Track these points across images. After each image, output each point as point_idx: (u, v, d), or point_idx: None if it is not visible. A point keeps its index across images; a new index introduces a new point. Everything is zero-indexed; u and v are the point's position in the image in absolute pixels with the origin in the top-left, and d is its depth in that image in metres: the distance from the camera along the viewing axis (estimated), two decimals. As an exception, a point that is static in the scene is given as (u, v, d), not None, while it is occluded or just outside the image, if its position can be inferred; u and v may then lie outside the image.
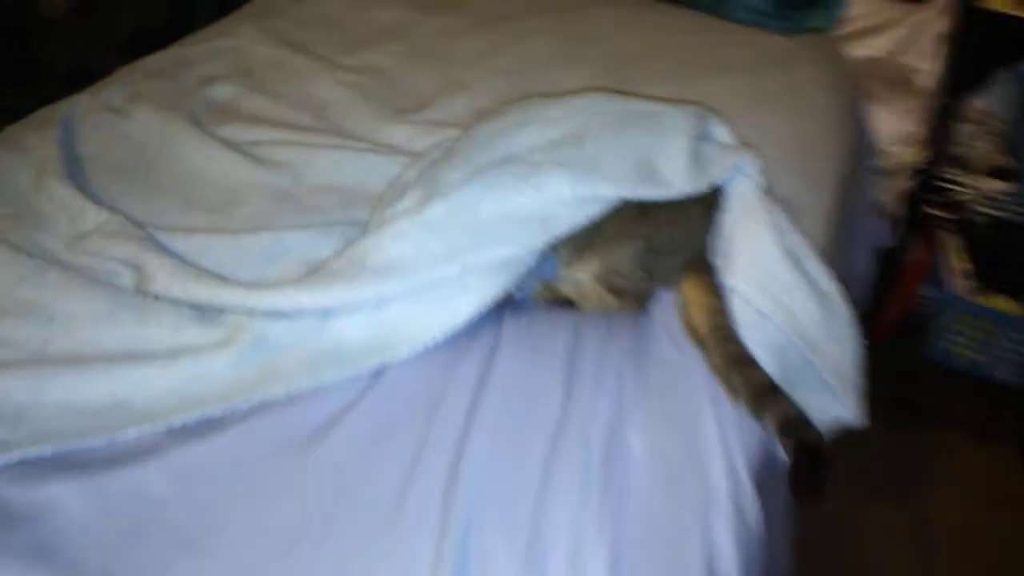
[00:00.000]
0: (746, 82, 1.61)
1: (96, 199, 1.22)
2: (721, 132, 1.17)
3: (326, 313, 0.98)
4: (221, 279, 1.02)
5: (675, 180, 1.04)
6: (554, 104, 1.13)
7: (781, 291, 1.02)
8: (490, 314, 1.03)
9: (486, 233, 0.98)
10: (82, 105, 1.46)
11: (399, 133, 1.42)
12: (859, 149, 1.68)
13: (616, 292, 1.10)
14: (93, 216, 1.15)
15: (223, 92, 1.53)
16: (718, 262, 1.08)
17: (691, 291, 1.06)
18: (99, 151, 1.35)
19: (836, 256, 1.48)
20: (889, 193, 1.98)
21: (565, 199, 0.98)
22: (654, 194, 1.02)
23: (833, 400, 1.05)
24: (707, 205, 1.10)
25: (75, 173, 1.29)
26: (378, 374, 0.97)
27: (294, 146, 1.34)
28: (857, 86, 1.81)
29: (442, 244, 0.97)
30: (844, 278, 1.62)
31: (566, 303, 1.12)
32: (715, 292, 1.05)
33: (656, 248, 1.08)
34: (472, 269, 0.97)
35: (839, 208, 1.48)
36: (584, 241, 1.09)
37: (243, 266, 1.09)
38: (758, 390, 0.93)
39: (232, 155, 1.30)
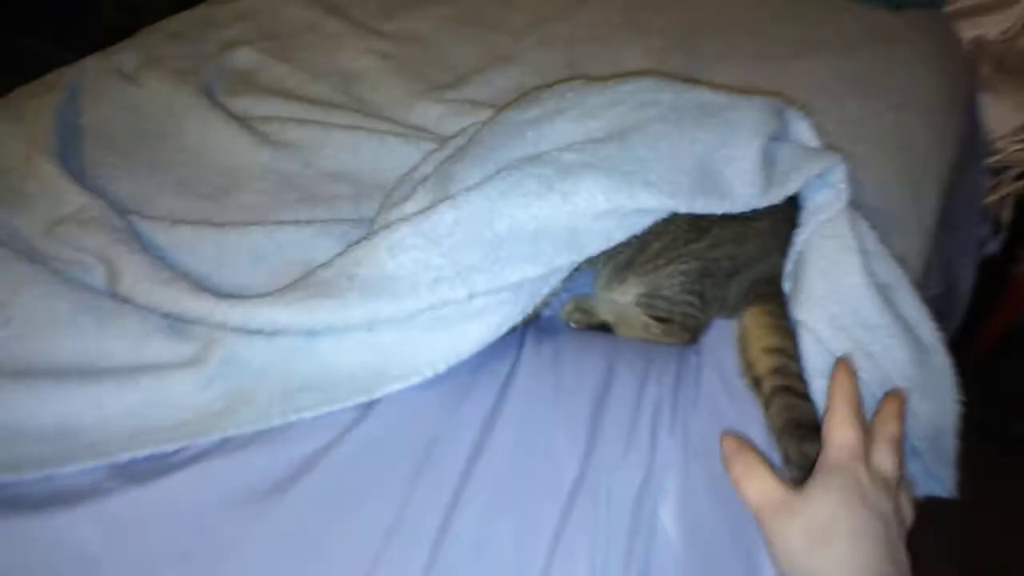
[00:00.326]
0: (837, 63, 1.38)
1: (84, 178, 1.10)
2: (803, 129, 0.96)
3: (311, 332, 0.83)
4: (192, 285, 0.87)
5: (741, 190, 0.85)
6: (599, 90, 0.94)
7: (866, 334, 0.82)
8: (507, 336, 0.86)
9: (501, 249, 0.80)
10: (92, 69, 1.34)
11: (430, 112, 1.25)
12: (969, 146, 1.44)
13: (660, 320, 0.92)
14: (72, 199, 1.02)
15: (244, 59, 1.39)
16: (789, 291, 0.89)
17: (754, 325, 0.88)
18: (100, 122, 1.23)
19: (935, 273, 1.28)
20: (996, 195, 1.73)
21: (599, 211, 0.80)
22: (714, 207, 0.83)
23: (922, 471, 0.86)
24: (778, 219, 0.91)
25: (69, 147, 1.16)
26: (365, 410, 0.81)
27: (308, 125, 1.18)
28: (970, 71, 1.56)
29: (448, 260, 0.80)
30: (942, 297, 1.41)
31: (601, 327, 0.94)
32: (784, 329, 0.87)
33: (713, 271, 0.90)
34: (483, 292, 0.80)
35: (941, 215, 1.26)
36: (626, 259, 0.91)
37: (227, 266, 0.95)
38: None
39: (238, 133, 1.16)
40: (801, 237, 0.88)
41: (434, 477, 0.76)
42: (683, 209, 0.82)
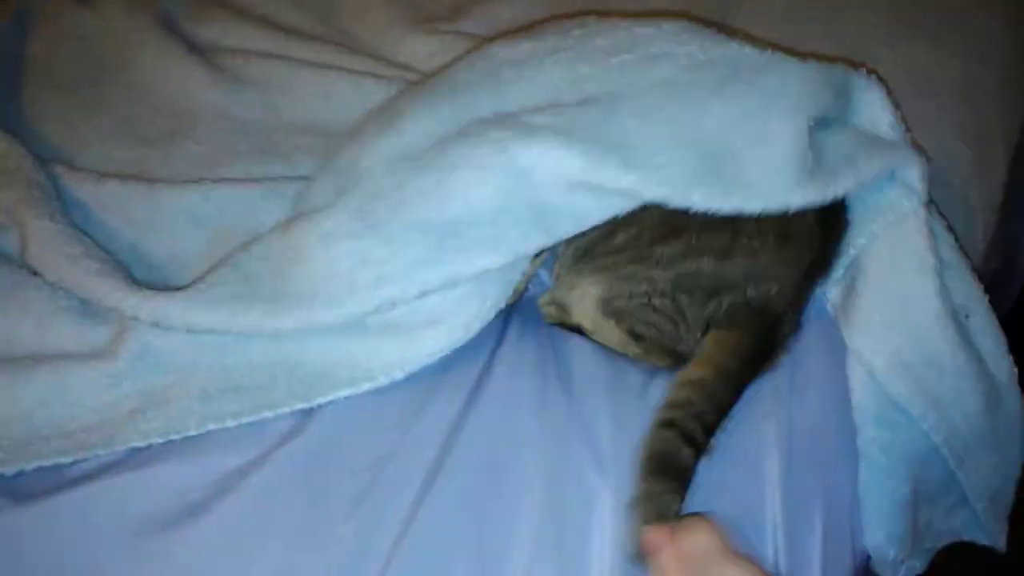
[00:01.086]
0: (897, 2, 1.19)
1: (19, 118, 0.98)
2: (873, 99, 0.75)
3: (238, 331, 0.69)
4: (103, 265, 0.73)
5: (764, 180, 0.64)
6: (609, 31, 0.75)
7: (933, 375, 0.67)
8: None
9: (457, 235, 0.65)
10: (47, -9, 1.19)
11: (418, 48, 1.09)
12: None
13: (635, 336, 0.74)
14: (-6, 146, 0.88)
15: (217, -22, 1.23)
16: (839, 313, 0.72)
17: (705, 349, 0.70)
18: (46, 53, 1.09)
19: (1001, 252, 1.12)
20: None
21: (570, 184, 0.64)
22: (719, 201, 0.64)
23: (968, 521, 0.73)
24: (796, 231, 0.70)
25: (7, 81, 1.04)
26: (302, 420, 0.68)
27: (275, 61, 1.03)
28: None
29: (390, 251, 0.66)
30: (998, 273, 1.24)
31: (576, 330, 0.77)
32: (739, 366, 0.68)
33: (689, 287, 0.70)
34: (438, 287, 0.65)
35: (1010, 185, 1.09)
36: (587, 244, 0.74)
37: (159, 230, 0.82)
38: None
39: (192, 69, 1.01)
40: (859, 240, 0.71)
41: (380, 505, 0.64)
42: (677, 201, 0.63)
